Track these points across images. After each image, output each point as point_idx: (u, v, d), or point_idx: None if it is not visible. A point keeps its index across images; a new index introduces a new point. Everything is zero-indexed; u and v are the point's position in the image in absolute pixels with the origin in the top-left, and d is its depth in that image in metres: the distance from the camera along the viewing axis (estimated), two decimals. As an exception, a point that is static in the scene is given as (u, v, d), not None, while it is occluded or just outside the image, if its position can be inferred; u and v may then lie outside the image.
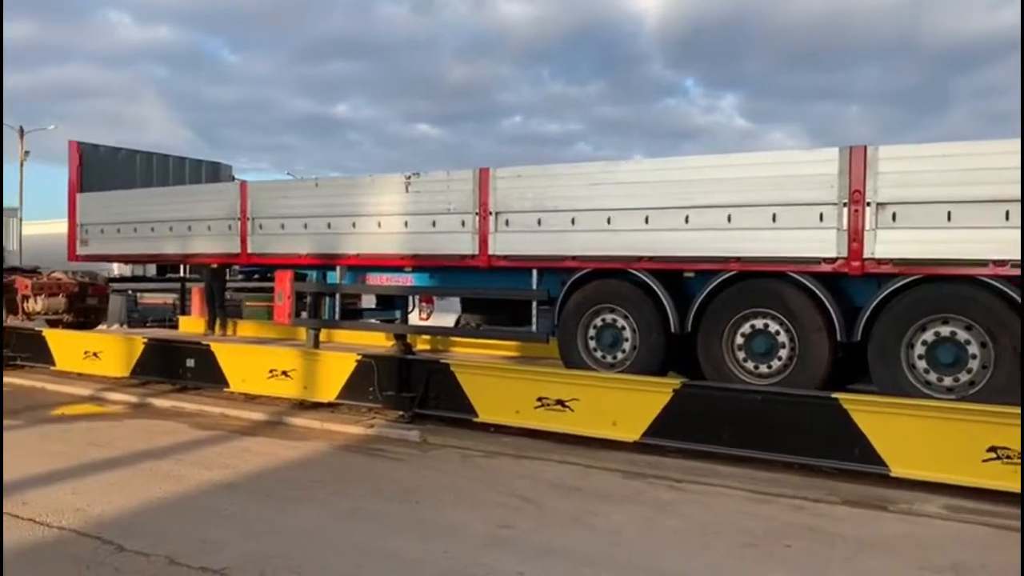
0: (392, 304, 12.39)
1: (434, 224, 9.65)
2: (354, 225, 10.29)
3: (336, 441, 8.45)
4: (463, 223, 9.43)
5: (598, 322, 8.74)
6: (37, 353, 13.20)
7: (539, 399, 8.34)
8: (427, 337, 13.35)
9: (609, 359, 8.67)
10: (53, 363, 12.87)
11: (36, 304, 16.15)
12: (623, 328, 8.56)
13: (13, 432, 8.68)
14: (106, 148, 14.09)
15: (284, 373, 10.30)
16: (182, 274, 18.70)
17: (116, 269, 22.02)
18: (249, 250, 11.25)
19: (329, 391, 9.91)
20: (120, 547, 4.95)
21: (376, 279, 10.96)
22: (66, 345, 12.87)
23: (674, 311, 8.20)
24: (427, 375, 9.21)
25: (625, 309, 8.52)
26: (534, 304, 9.19)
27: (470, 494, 6.44)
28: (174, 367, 11.34)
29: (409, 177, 9.81)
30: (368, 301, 13.08)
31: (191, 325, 16.28)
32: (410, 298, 12.16)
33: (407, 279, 10.74)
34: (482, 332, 10.14)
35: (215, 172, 15.73)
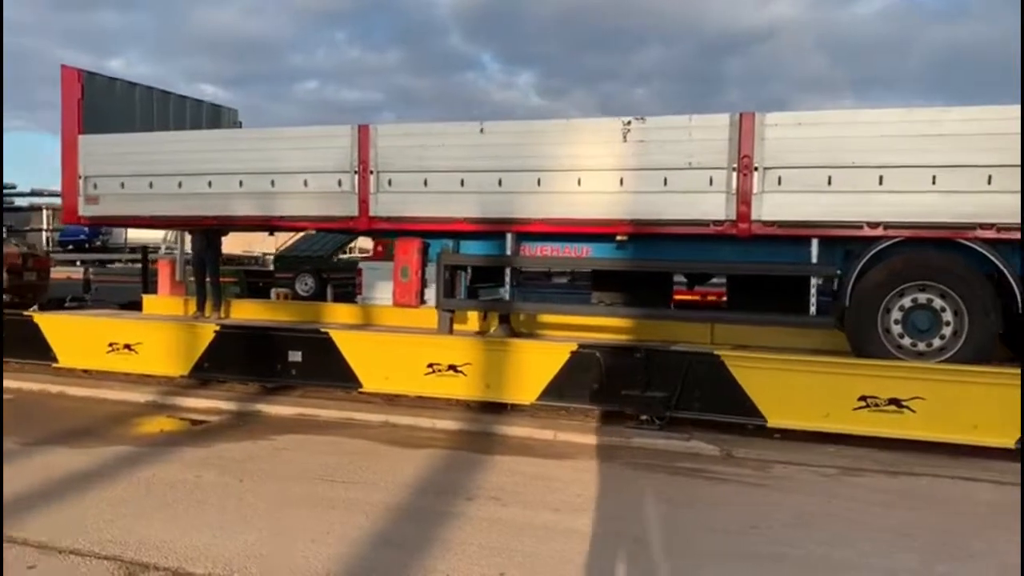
0: (498, 279, 10.32)
1: (665, 182, 7.78)
2: (539, 183, 8.19)
3: (618, 458, 6.52)
4: (711, 180, 7.64)
5: (906, 303, 7.27)
6: (20, 346, 10.00)
7: (862, 398, 6.82)
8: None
9: (921, 347, 7.24)
10: (53, 359, 9.77)
11: (-29, 281, 12.52)
12: (941, 309, 7.16)
13: (154, 465, 6.04)
14: (102, 78, 10.86)
15: (453, 368, 8.12)
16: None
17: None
18: (372, 212, 8.78)
19: (527, 391, 7.87)
20: None
21: (536, 249, 8.89)
22: (75, 335, 9.81)
23: (1021, 288, 6.92)
24: (684, 370, 7.43)
25: (947, 286, 7.12)
26: (812, 282, 7.59)
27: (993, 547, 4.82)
28: (267, 362, 8.80)
29: (629, 123, 7.86)
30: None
31: (159, 306, 13.18)
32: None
33: (584, 249, 8.78)
34: (754, 319, 8.34)
35: (216, 116, 12.69)
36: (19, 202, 27.07)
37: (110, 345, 9.43)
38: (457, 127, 8.60)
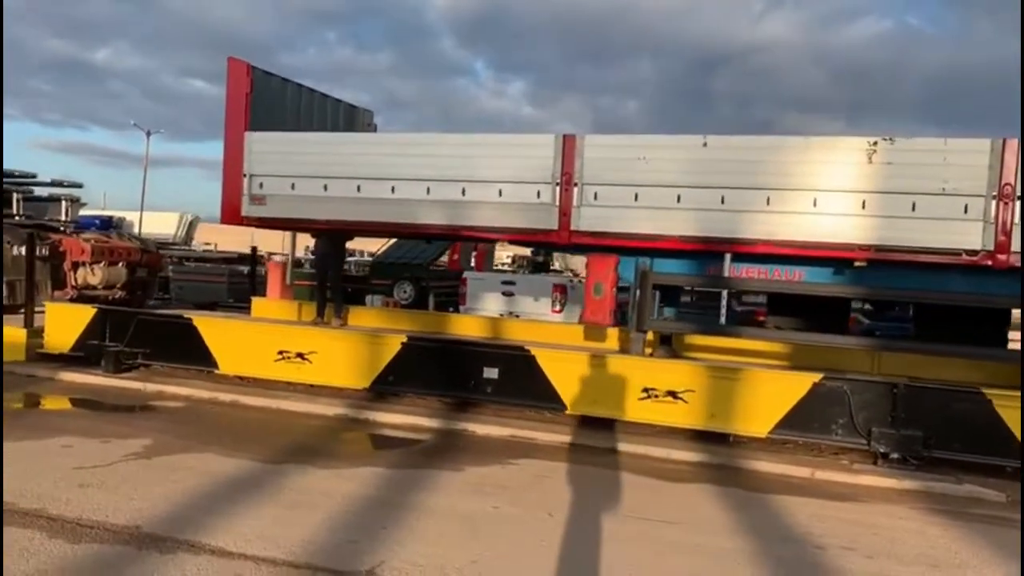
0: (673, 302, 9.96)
1: (913, 207, 7.41)
2: (768, 201, 7.82)
3: (904, 502, 6.13)
4: (966, 208, 7.28)
5: None
6: (176, 350, 9.54)
7: None
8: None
9: None
10: (213, 365, 9.30)
11: (94, 275, 12.10)
12: None
13: (428, 491, 5.61)
14: (260, 72, 10.43)
15: (672, 394, 7.69)
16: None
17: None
18: (574, 225, 8.41)
19: (759, 423, 7.44)
20: None
21: (742, 271, 8.51)
22: (240, 341, 9.34)
23: None
24: (942, 405, 7.03)
25: None
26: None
27: None
28: (461, 378, 8.34)
29: (875, 143, 7.50)
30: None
31: (270, 309, 12.73)
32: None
33: (797, 272, 8.39)
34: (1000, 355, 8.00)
35: (351, 116, 12.36)
36: (38, 191, 26.63)
37: (280, 353, 8.97)
38: (676, 140, 8.24)
